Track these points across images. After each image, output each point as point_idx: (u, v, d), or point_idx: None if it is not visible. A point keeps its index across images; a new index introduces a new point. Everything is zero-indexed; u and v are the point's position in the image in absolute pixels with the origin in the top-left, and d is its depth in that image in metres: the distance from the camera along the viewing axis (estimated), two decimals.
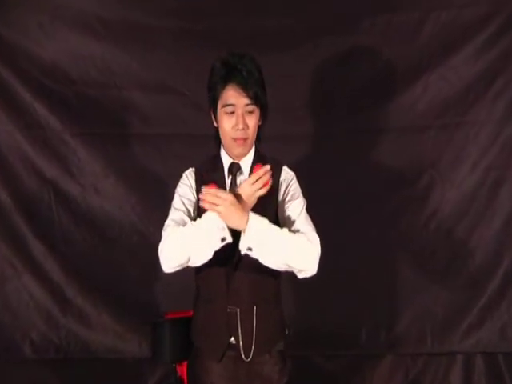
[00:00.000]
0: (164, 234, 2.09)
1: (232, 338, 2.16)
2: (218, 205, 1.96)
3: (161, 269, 2.04)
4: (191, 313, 2.33)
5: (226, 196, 1.96)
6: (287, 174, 2.22)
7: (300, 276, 2.08)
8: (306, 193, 2.26)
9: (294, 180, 2.22)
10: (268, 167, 2.00)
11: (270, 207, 2.13)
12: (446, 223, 3.21)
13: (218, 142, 2.23)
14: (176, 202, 2.18)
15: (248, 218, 1.97)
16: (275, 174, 2.13)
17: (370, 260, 3.19)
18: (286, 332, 2.27)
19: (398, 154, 3.20)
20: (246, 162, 2.20)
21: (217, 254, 2.03)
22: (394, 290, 3.23)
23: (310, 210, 2.21)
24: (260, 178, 2.00)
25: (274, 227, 2.02)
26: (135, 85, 3.17)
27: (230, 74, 2.08)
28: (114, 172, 3.20)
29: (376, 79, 3.17)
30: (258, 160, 2.18)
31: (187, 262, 2.04)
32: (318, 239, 2.08)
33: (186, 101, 3.15)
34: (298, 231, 2.09)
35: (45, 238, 3.19)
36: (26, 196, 3.18)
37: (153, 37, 3.13)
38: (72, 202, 3.20)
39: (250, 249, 1.99)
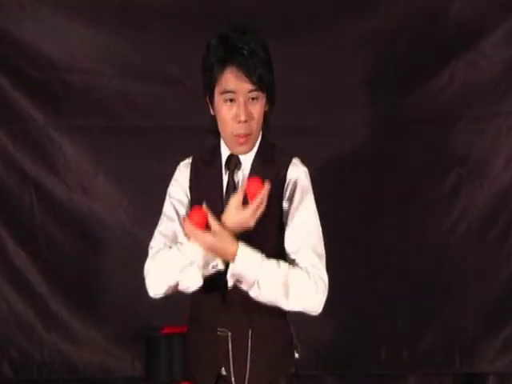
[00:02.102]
0: (150, 252, 1.92)
1: (222, 369, 1.94)
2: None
3: None
4: None
5: (205, 237, 1.78)
6: (297, 171, 1.96)
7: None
8: (318, 192, 2.04)
9: (305, 179, 1.97)
10: (267, 187, 1.78)
11: (272, 217, 1.90)
12: (475, 227, 3.09)
13: (216, 132, 2.02)
14: (166, 207, 2.01)
15: (236, 251, 1.79)
16: (281, 170, 1.93)
17: (390, 268, 3.08)
18: (296, 356, 2.04)
19: (421, 150, 3.09)
20: (247, 156, 1.97)
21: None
22: (418, 303, 3.08)
23: (323, 210, 2.00)
24: (257, 203, 1.78)
25: (269, 264, 1.82)
26: (128, 73, 3.07)
27: (229, 54, 1.87)
28: (103, 170, 3.10)
29: (397, 66, 3.07)
30: (264, 152, 1.96)
31: (176, 290, 1.88)
32: (326, 277, 1.88)
33: (185, 90, 3.03)
34: (302, 262, 1.89)
35: (26, 244, 3.10)
36: (5, 197, 3.09)
37: (147, 18, 3.03)
38: (57, 203, 3.10)
39: (239, 281, 1.82)
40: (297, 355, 2.03)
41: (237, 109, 1.87)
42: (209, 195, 1.91)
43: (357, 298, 3.01)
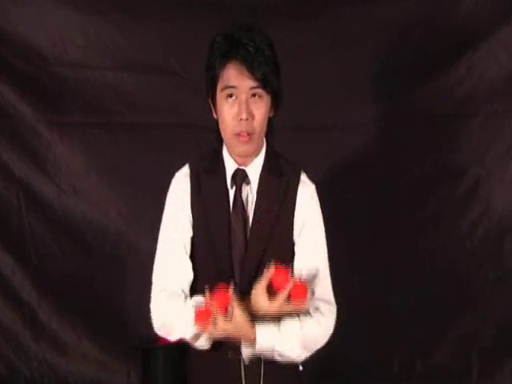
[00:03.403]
0: (158, 289, 1.95)
1: None
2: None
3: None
4: None
5: (226, 325, 1.77)
6: (307, 191, 1.98)
7: None
8: (326, 191, 2.05)
9: (314, 198, 1.99)
10: (292, 281, 1.79)
11: (286, 245, 1.93)
12: (494, 230, 3.00)
13: (218, 137, 1.99)
14: (166, 227, 1.98)
15: (255, 337, 1.82)
16: (290, 187, 1.95)
17: (403, 276, 3.01)
18: (300, 368, 2.03)
19: (436, 147, 3.00)
20: (254, 169, 1.95)
21: (214, 280, 1.84)
22: (433, 311, 3.00)
23: (330, 212, 2.02)
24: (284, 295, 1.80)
25: (285, 330, 1.86)
26: (123, 65, 3.00)
27: (232, 48, 1.86)
28: (96, 169, 3.03)
29: (410, 57, 2.98)
30: (271, 163, 1.95)
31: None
32: (335, 310, 1.97)
33: (184, 84, 2.99)
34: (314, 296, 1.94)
35: (13, 249, 3.02)
36: None
37: (144, 8, 2.96)
38: (46, 205, 3.02)
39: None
40: (301, 368, 2.02)
41: (238, 106, 1.85)
42: (214, 212, 1.89)
43: (369, 308, 2.94)
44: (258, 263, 1.87)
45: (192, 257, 1.94)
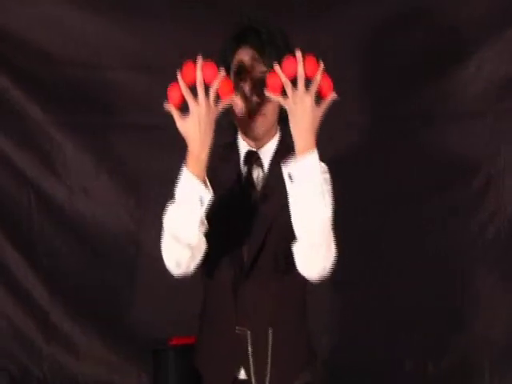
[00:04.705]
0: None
1: (242, 372, 1.94)
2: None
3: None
4: None
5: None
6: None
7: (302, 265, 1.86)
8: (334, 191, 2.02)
9: (326, 175, 1.96)
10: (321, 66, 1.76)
11: (291, 228, 1.86)
12: (506, 230, 2.96)
13: (233, 126, 2.02)
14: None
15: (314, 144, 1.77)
16: None
17: (414, 276, 2.96)
18: (315, 367, 2.06)
19: (446, 147, 2.97)
20: (266, 152, 1.97)
21: (225, 256, 1.91)
22: (444, 312, 2.97)
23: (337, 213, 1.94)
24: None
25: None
26: (133, 66, 2.98)
27: (244, 33, 1.90)
28: (107, 170, 3.02)
29: (418, 55, 2.94)
30: (284, 150, 1.93)
31: (182, 248, 1.84)
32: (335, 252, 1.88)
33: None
34: None
35: (25, 251, 3.01)
36: (2, 201, 3.00)
37: (155, 7, 2.92)
38: (57, 207, 3.01)
39: (290, 177, 1.76)
40: (316, 367, 2.05)
41: (249, 89, 1.87)
42: (226, 189, 1.89)
43: (380, 308, 2.92)
44: (262, 244, 1.88)
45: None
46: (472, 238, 2.97)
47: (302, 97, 1.71)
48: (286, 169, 1.76)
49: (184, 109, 1.81)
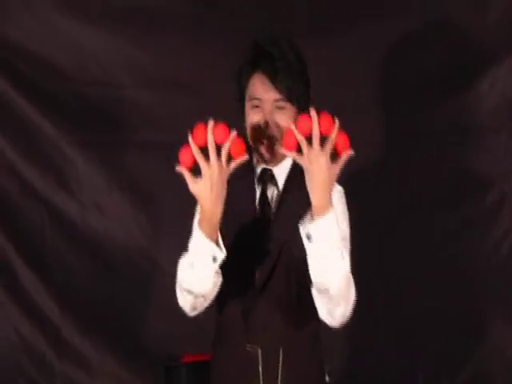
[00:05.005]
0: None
1: None
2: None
3: (175, 303, 1.92)
4: None
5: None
6: (335, 192, 1.92)
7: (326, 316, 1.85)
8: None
9: (342, 199, 1.96)
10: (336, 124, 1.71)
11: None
12: None
13: (247, 144, 1.99)
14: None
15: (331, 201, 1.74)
16: None
17: (427, 291, 2.97)
18: (327, 380, 2.02)
19: (459, 163, 2.99)
20: (281, 171, 1.95)
21: (238, 275, 1.88)
22: (459, 326, 2.98)
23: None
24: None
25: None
26: (145, 83, 3.01)
27: (257, 58, 1.89)
28: (119, 186, 3.03)
29: (431, 73, 2.97)
30: (299, 168, 1.88)
31: (195, 298, 1.84)
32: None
33: (205, 101, 2.92)
34: None
35: (37, 267, 3.01)
36: (15, 216, 3.00)
37: (166, 24, 2.96)
38: (69, 222, 3.02)
39: (308, 237, 1.73)
40: (327, 378, 2.02)
41: (262, 117, 1.88)
42: (241, 209, 1.90)
43: (394, 321, 2.95)
44: (274, 265, 1.88)
45: None
46: (487, 254, 2.97)
47: (317, 155, 1.69)
48: (304, 229, 1.75)
49: (196, 169, 1.82)
